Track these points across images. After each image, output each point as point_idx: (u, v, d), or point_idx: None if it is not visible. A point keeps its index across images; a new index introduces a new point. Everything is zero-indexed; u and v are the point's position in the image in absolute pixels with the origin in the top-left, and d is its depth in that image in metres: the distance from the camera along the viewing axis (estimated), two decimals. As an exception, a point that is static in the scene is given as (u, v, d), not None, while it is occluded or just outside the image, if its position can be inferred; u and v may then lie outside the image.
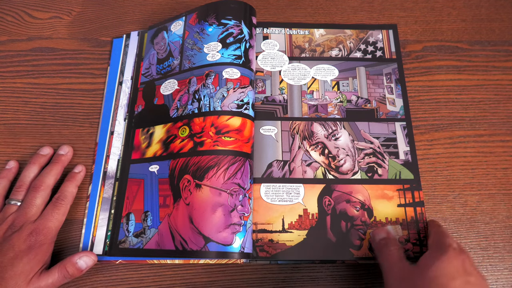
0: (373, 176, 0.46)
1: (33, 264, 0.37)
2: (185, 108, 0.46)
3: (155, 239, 0.41)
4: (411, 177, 0.46)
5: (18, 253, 0.37)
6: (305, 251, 0.42)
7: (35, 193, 0.41)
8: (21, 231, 0.38)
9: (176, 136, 0.45)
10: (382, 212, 0.44)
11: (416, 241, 0.43)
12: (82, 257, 0.40)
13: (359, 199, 0.44)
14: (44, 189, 0.42)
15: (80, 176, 0.45)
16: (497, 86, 0.52)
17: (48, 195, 0.42)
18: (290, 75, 0.52)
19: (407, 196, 0.45)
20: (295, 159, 0.46)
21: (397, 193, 0.45)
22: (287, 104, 0.50)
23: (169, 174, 0.44)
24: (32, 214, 0.40)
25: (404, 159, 0.47)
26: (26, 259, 0.37)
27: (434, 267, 0.34)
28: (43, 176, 0.43)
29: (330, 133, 0.48)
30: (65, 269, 0.39)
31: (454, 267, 0.34)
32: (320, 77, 0.52)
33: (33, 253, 0.37)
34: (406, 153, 0.47)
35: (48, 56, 0.53)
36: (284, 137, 0.48)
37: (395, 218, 0.44)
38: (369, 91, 0.51)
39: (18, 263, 0.36)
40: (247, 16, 0.50)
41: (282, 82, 0.51)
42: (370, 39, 0.54)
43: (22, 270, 0.36)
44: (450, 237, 0.38)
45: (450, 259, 0.35)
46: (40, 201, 0.41)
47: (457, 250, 0.36)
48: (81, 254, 0.40)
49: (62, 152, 0.46)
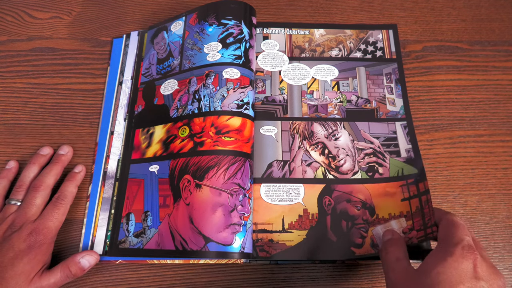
0: (373, 175, 0.46)
1: (33, 264, 0.37)
2: (185, 108, 0.46)
3: (155, 239, 0.41)
4: (415, 171, 0.45)
5: (18, 253, 0.37)
6: (305, 251, 0.42)
7: (35, 193, 0.41)
8: (21, 231, 0.38)
9: (176, 136, 0.45)
10: (384, 208, 0.43)
11: (421, 227, 0.41)
12: (84, 256, 0.40)
13: (359, 198, 0.44)
14: (44, 189, 0.42)
15: (80, 176, 0.45)
16: (497, 86, 0.52)
17: (48, 195, 0.42)
18: (290, 75, 0.52)
19: (411, 189, 0.44)
20: (295, 159, 0.46)
21: (400, 189, 0.44)
22: (287, 104, 0.50)
23: (169, 174, 0.44)
24: (32, 214, 0.40)
25: (406, 156, 0.46)
26: (27, 259, 0.37)
27: (435, 272, 0.30)
28: (43, 176, 0.43)
29: (330, 133, 0.48)
30: (68, 268, 0.39)
31: (460, 270, 0.30)
32: (320, 77, 0.52)
33: (33, 253, 0.37)
34: (408, 151, 0.47)
35: (48, 56, 0.53)
36: (284, 137, 0.48)
37: (399, 212, 0.43)
38: (369, 91, 0.51)
39: (19, 263, 0.36)
40: (247, 16, 0.50)
41: (282, 82, 0.51)
42: (370, 39, 0.54)
43: (23, 270, 0.36)
44: (462, 228, 0.33)
45: (457, 261, 0.30)
46: (40, 201, 0.41)
47: (466, 248, 0.31)
48: (84, 253, 0.40)
49: (62, 152, 0.46)
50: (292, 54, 0.53)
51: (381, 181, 0.45)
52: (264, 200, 0.44)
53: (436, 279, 0.30)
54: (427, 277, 0.31)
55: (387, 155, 0.47)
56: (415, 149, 0.47)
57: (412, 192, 0.44)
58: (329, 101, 0.50)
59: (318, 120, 0.49)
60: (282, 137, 0.48)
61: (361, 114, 0.49)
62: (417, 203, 0.43)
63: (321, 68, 0.52)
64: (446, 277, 0.30)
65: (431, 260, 0.32)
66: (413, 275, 0.33)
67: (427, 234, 0.40)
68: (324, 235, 0.42)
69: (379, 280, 0.43)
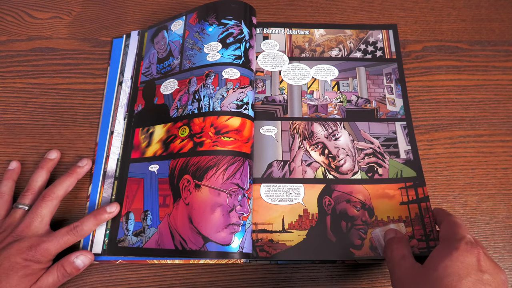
0: (373, 176, 0.46)
1: (28, 279, 0.37)
2: (185, 108, 0.46)
3: (155, 238, 0.41)
4: (414, 175, 0.45)
5: (14, 264, 0.36)
6: (305, 251, 0.42)
7: (42, 203, 0.40)
8: (22, 242, 0.37)
9: (176, 136, 0.45)
10: (383, 211, 0.44)
11: (422, 237, 0.42)
12: (79, 256, 0.40)
13: (359, 199, 0.44)
14: (52, 199, 0.41)
15: (108, 215, 0.43)
16: (497, 86, 0.52)
17: (56, 206, 0.41)
18: (290, 75, 0.52)
19: (410, 193, 0.44)
20: (295, 159, 0.46)
21: (399, 191, 0.45)
22: (287, 104, 0.50)
23: (169, 174, 0.44)
24: (36, 225, 0.39)
25: (405, 158, 0.47)
26: (22, 273, 0.36)
27: (443, 266, 0.31)
28: (54, 186, 0.42)
29: (330, 133, 0.48)
30: (63, 268, 0.39)
31: (466, 264, 0.31)
32: (320, 77, 0.52)
33: (29, 268, 0.37)
34: (408, 152, 0.47)
35: (48, 56, 0.53)
36: (284, 137, 0.48)
37: (398, 216, 0.43)
38: (369, 91, 0.51)
39: (14, 276, 0.36)
40: (247, 16, 0.50)
41: (282, 82, 0.51)
42: (370, 39, 0.54)
43: (18, 283, 0.36)
44: (463, 227, 0.35)
45: (462, 255, 0.31)
46: (46, 211, 0.40)
47: (470, 244, 0.32)
48: (78, 253, 0.40)
49: (81, 164, 0.45)
50: (292, 54, 0.53)
51: (380, 182, 0.45)
52: (264, 200, 0.44)
53: (444, 272, 0.31)
54: (434, 271, 0.31)
55: (386, 155, 0.47)
56: (414, 150, 0.47)
57: (411, 196, 0.44)
58: (329, 101, 0.50)
59: (318, 120, 0.49)
60: (282, 137, 0.48)
61: (361, 114, 0.49)
62: (416, 209, 0.43)
63: (321, 68, 0.52)
64: (453, 270, 0.30)
65: (437, 254, 0.33)
66: (420, 270, 0.33)
67: (430, 246, 0.40)
68: (324, 235, 0.42)
69: (379, 280, 0.43)
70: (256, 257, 0.41)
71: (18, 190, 0.45)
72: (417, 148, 0.47)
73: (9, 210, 0.42)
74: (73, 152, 0.48)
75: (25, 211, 0.41)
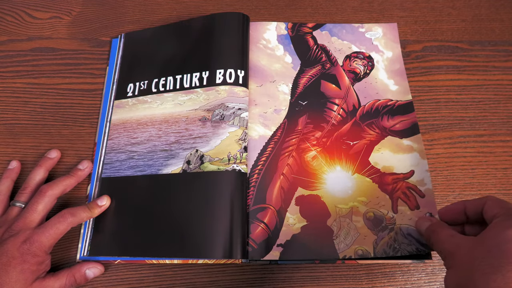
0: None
1: (27, 274, 0.36)
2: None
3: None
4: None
5: (11, 259, 0.36)
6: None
7: (38, 198, 0.40)
8: (17, 237, 0.37)
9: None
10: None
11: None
12: (91, 268, 0.41)
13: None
14: (49, 196, 0.40)
15: (101, 207, 0.43)
16: (497, 86, 0.52)
17: (52, 203, 0.41)
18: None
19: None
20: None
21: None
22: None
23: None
24: (31, 219, 0.39)
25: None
26: (20, 268, 0.36)
27: (506, 233, 0.29)
28: (53, 183, 0.42)
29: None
30: (73, 277, 0.39)
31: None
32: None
33: (27, 263, 0.36)
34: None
35: (48, 56, 0.53)
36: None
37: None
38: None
39: (12, 271, 0.36)
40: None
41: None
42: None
43: (18, 279, 0.36)
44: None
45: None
46: (42, 207, 0.40)
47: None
48: (91, 264, 0.41)
49: (81, 167, 0.45)
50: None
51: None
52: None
53: (508, 237, 0.28)
54: (496, 237, 0.29)
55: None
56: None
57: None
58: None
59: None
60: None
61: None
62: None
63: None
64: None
65: (497, 225, 0.31)
66: (478, 239, 0.31)
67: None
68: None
69: (379, 280, 0.43)
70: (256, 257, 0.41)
71: (17, 189, 0.45)
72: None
73: (5, 208, 0.42)
74: (73, 152, 0.48)
75: (21, 208, 0.41)
